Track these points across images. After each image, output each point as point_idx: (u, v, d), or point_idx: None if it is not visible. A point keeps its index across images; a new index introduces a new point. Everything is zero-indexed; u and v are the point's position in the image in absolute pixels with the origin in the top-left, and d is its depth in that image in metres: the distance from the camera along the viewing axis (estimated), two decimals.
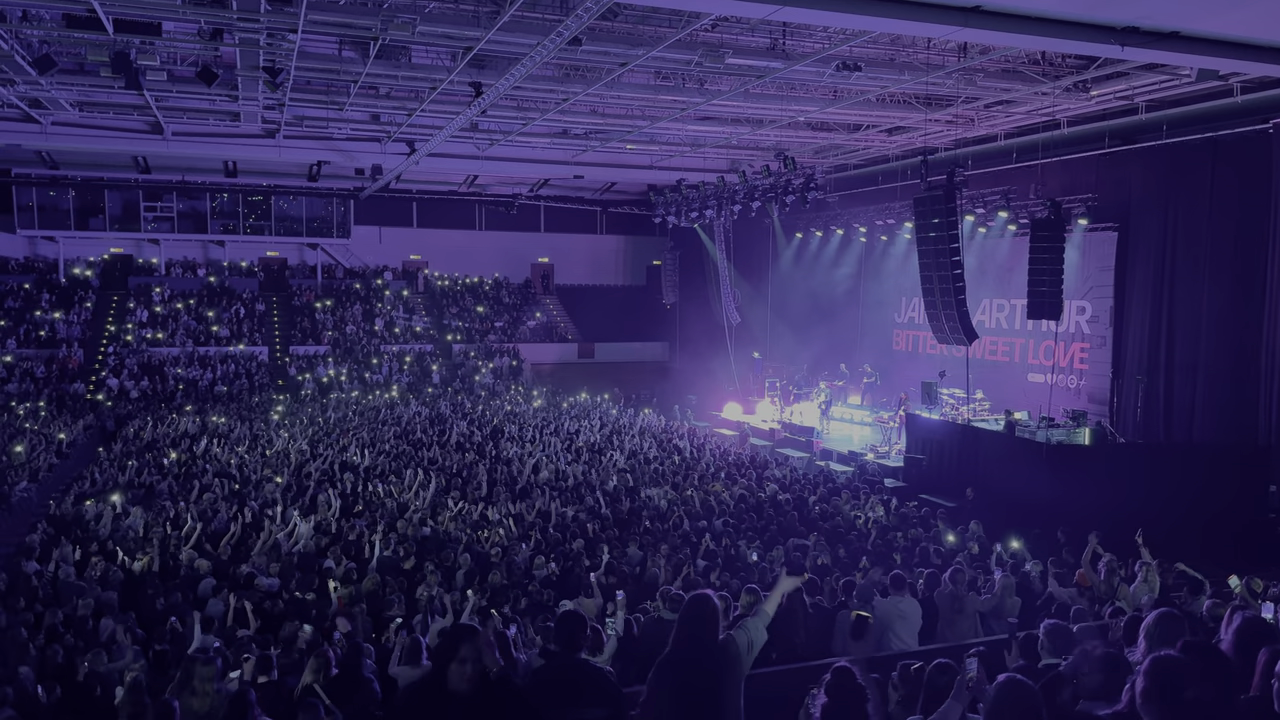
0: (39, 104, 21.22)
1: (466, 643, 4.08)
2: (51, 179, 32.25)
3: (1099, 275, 20.02)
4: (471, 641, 4.07)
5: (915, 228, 18.87)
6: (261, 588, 9.89)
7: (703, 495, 14.98)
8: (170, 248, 35.14)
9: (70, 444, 22.16)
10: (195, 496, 14.77)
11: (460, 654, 4.02)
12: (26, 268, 33.81)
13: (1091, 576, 9.80)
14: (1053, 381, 20.78)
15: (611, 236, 40.48)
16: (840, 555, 11.57)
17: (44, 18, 15.21)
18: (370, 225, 37.20)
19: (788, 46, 15.91)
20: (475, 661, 4.02)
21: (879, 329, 26.73)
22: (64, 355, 30.06)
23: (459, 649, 4.04)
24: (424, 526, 12.76)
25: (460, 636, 4.13)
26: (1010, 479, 15.68)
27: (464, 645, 4.06)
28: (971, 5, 11.49)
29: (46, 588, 10.50)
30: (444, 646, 4.14)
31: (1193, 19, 12.08)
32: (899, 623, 8.19)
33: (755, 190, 24.76)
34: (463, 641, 4.09)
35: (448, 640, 4.15)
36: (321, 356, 32.42)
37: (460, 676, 4.01)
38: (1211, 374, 17.47)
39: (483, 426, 22.44)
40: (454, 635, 4.17)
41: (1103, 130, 19.05)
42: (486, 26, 14.17)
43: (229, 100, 20.41)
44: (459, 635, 4.15)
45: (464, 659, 4.01)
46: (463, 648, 4.05)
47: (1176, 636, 4.36)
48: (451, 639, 4.13)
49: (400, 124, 23.26)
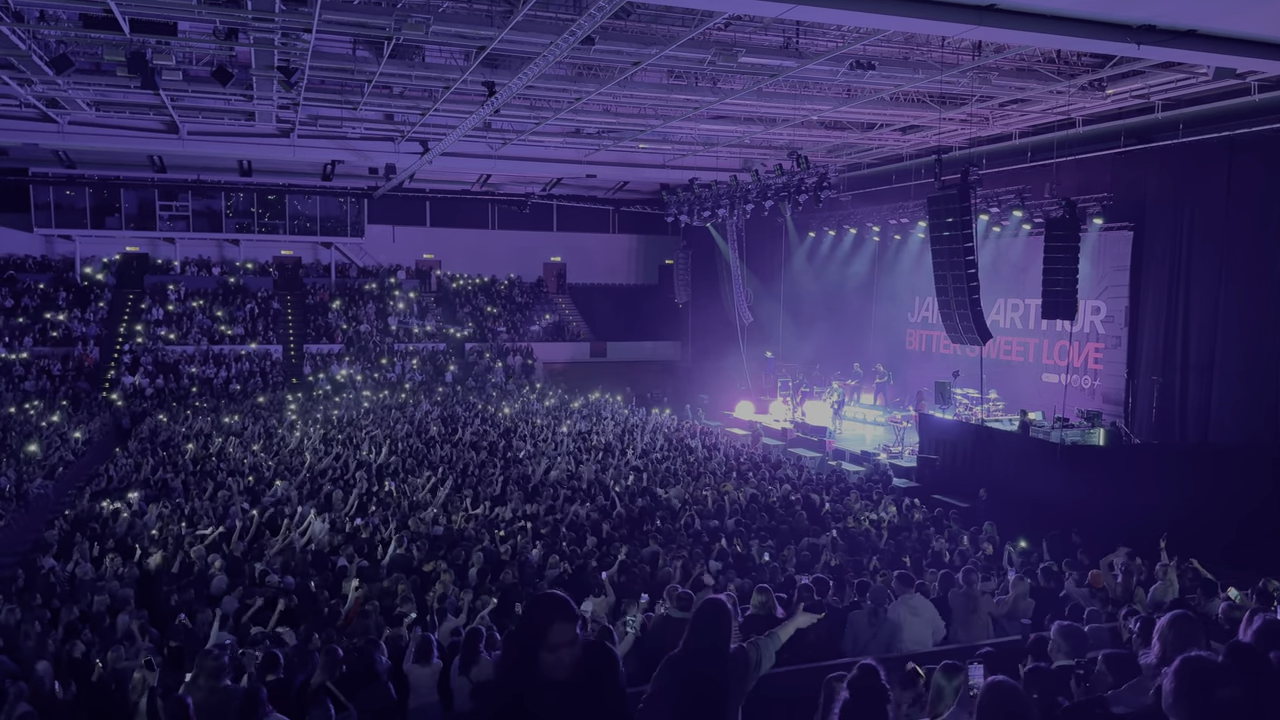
0: (56, 103, 21.39)
1: (560, 621, 3.18)
2: (68, 178, 32.53)
3: (1114, 275, 19.90)
4: (565, 619, 3.19)
5: (929, 227, 18.80)
6: (275, 585, 9.95)
7: (715, 495, 14.97)
8: (185, 246, 35.36)
9: (86, 442, 22.33)
10: (210, 494, 14.87)
11: (551, 638, 3.16)
12: (43, 266, 34.09)
13: (1106, 578, 9.73)
14: (1067, 382, 20.66)
15: (624, 236, 40.49)
16: (852, 557, 11.54)
17: (61, 18, 15.32)
18: (384, 224, 37.35)
19: (801, 45, 15.87)
20: (572, 644, 3.18)
21: (892, 328, 26.65)
22: (80, 353, 30.29)
23: (549, 632, 3.17)
24: (436, 525, 12.81)
25: (550, 615, 3.21)
26: (1024, 479, 15.61)
27: (556, 626, 3.17)
28: (986, 4, 11.42)
29: (63, 584, 10.59)
30: (527, 631, 3.28)
31: (1210, 17, 11.98)
32: (913, 620, 8.15)
33: (768, 189, 24.70)
34: (554, 620, 3.19)
35: (533, 622, 3.26)
36: (335, 355, 32.56)
37: (557, 665, 3.17)
38: (1228, 374, 17.33)
39: (495, 425, 22.49)
40: (541, 614, 3.25)
41: (1118, 129, 18.93)
42: (500, 26, 14.19)
43: (244, 100, 20.51)
44: (548, 614, 3.22)
45: (556, 644, 3.16)
46: (554, 630, 3.17)
47: (1191, 638, 4.33)
48: (538, 619, 3.24)
49: (414, 123, 23.33)
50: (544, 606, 3.30)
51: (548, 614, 3.22)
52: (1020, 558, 11.51)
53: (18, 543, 14.49)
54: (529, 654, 3.20)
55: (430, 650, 7.31)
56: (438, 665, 7.30)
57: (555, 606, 3.25)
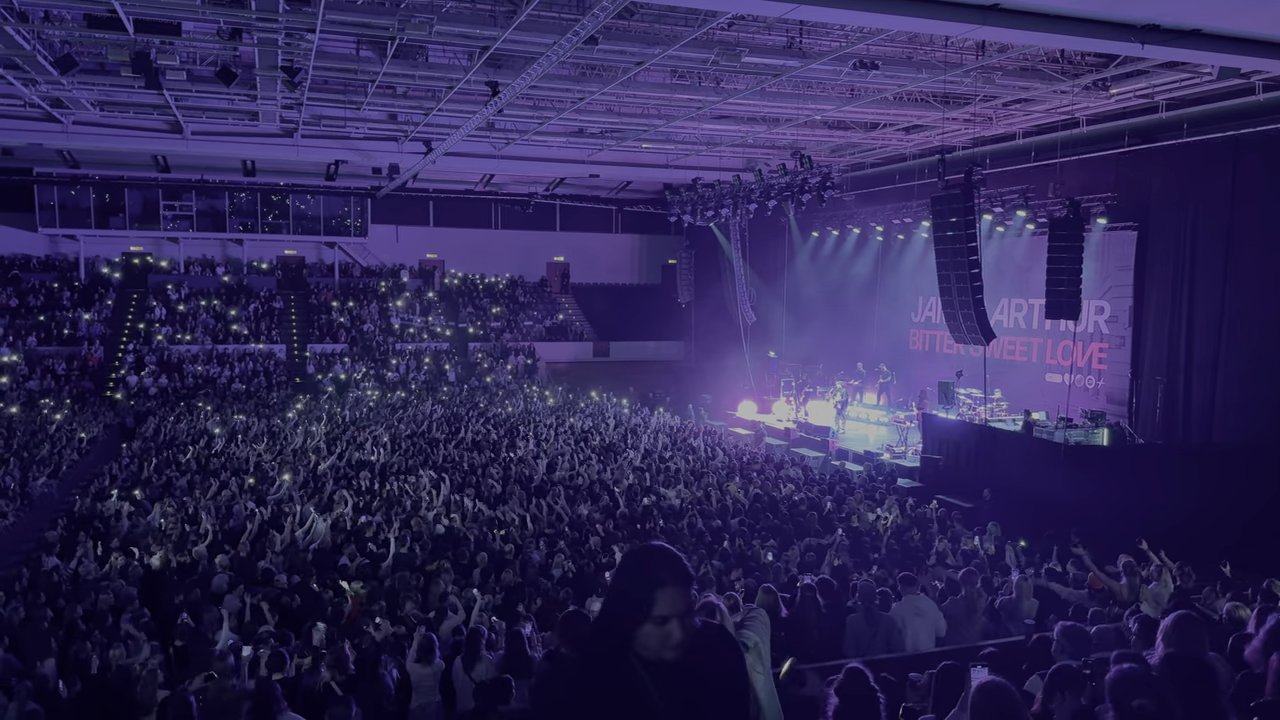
0: (60, 103, 21.44)
1: (670, 586, 2.43)
2: (73, 178, 32.60)
3: (1118, 275, 19.87)
4: (678, 581, 2.44)
5: (933, 227, 18.78)
6: (279, 585, 9.96)
7: (718, 495, 14.97)
8: (189, 246, 35.42)
9: (91, 441, 22.38)
10: (213, 493, 14.89)
11: (656, 607, 2.41)
12: (48, 266, 34.17)
13: (1107, 581, 9.71)
14: (1071, 382, 20.63)
15: (627, 235, 40.50)
16: (855, 558, 11.54)
17: (66, 18, 15.36)
18: (387, 224, 37.37)
19: (804, 45, 15.87)
20: (687, 615, 2.45)
21: (895, 328, 26.61)
22: (85, 353, 30.36)
23: (654, 598, 2.41)
24: (439, 524, 12.82)
25: (656, 575, 2.44)
26: (1028, 480, 15.58)
27: (665, 591, 2.42)
28: (990, 3, 11.41)
29: (67, 583, 10.61)
30: (626, 597, 2.48)
31: (1214, 16, 11.96)
32: (916, 621, 8.15)
33: (771, 189, 24.69)
34: (665, 582, 2.43)
35: (636, 584, 2.47)
36: (338, 355, 32.61)
37: (663, 640, 2.42)
38: (1232, 374, 17.29)
39: (498, 425, 22.51)
40: (646, 573, 2.46)
41: (1122, 129, 18.90)
42: (503, 26, 14.20)
43: (248, 100, 20.55)
44: (655, 574, 2.44)
45: (664, 615, 2.41)
46: (661, 595, 2.41)
47: (1195, 639, 4.33)
48: (640, 582, 2.45)
49: (417, 123, 23.35)
50: (651, 563, 2.49)
51: (655, 573, 2.45)
52: (1023, 557, 11.50)
53: (22, 541, 14.53)
54: (626, 627, 2.45)
55: (432, 649, 7.32)
56: (440, 665, 7.32)
57: (666, 564, 2.47)
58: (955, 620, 8.56)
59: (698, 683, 2.47)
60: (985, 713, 3.70)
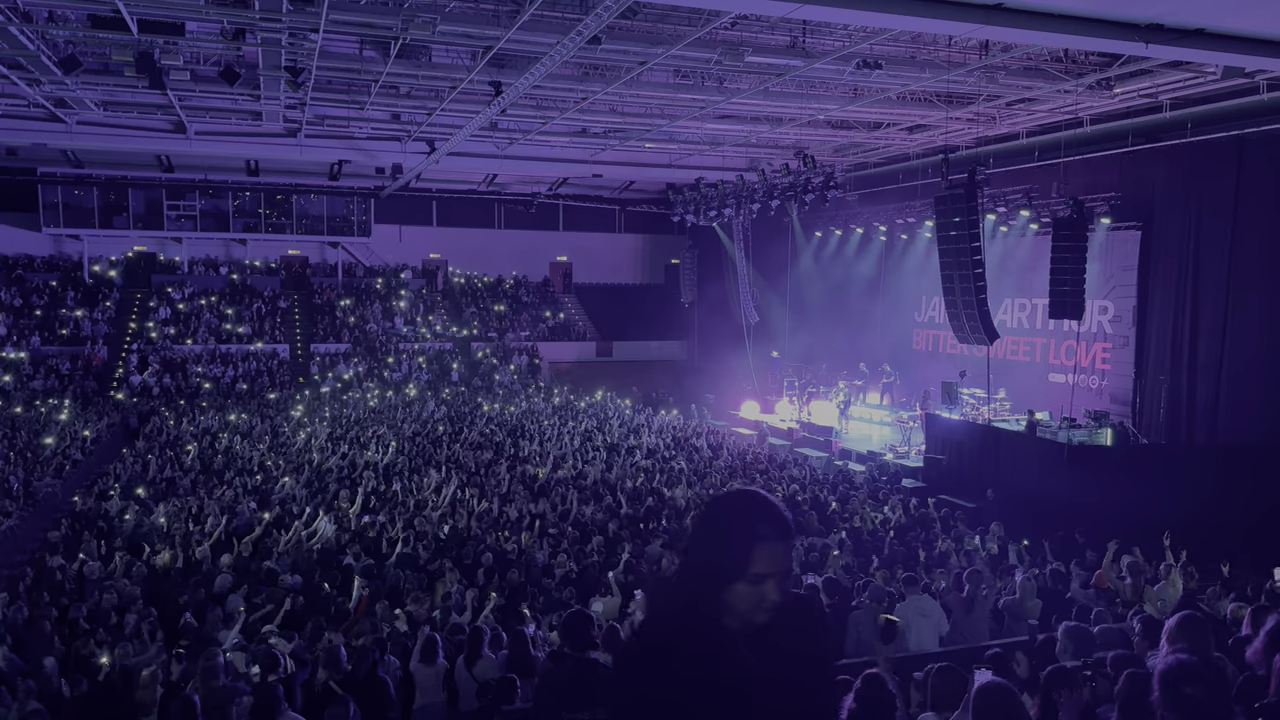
0: (64, 103, 21.46)
1: (772, 541, 2.20)
2: (76, 178, 32.64)
3: (1121, 275, 19.84)
4: (777, 536, 2.21)
5: (936, 226, 18.76)
6: (284, 584, 9.97)
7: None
8: (193, 246, 35.45)
9: (94, 440, 22.41)
10: (217, 493, 14.91)
11: (753, 565, 2.18)
12: (52, 265, 34.21)
13: (1114, 580, 9.71)
14: (1074, 382, 20.61)
15: (630, 235, 40.48)
16: (858, 557, 11.54)
17: (69, 18, 15.39)
18: (390, 224, 37.37)
19: (808, 44, 15.85)
20: (783, 574, 2.23)
21: (899, 328, 26.59)
22: (88, 352, 30.40)
23: (752, 554, 2.18)
24: (443, 524, 12.82)
25: (755, 529, 2.20)
26: (1031, 480, 15.57)
27: (765, 547, 2.19)
28: (994, 3, 11.40)
29: (71, 582, 10.63)
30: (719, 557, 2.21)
31: (1218, 16, 11.93)
32: (921, 621, 8.15)
33: (774, 189, 24.68)
34: (761, 540, 2.19)
35: (730, 542, 2.21)
36: (342, 354, 32.63)
37: (758, 601, 2.20)
38: (1236, 374, 17.26)
39: (502, 425, 22.52)
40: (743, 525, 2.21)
41: (1126, 128, 18.87)
42: (506, 26, 14.20)
43: (251, 100, 20.56)
44: (753, 527, 2.20)
45: (762, 573, 2.19)
46: (761, 550, 2.19)
47: (1199, 639, 4.32)
48: (737, 535, 2.20)
49: (420, 123, 23.36)
50: (749, 514, 2.23)
51: (754, 526, 2.20)
52: (1027, 557, 11.48)
53: (26, 541, 14.54)
54: (715, 587, 2.20)
55: (436, 649, 7.32)
56: (443, 664, 7.32)
57: (767, 515, 2.22)
58: (958, 620, 8.56)
59: (785, 648, 2.26)
60: (986, 713, 3.69)
